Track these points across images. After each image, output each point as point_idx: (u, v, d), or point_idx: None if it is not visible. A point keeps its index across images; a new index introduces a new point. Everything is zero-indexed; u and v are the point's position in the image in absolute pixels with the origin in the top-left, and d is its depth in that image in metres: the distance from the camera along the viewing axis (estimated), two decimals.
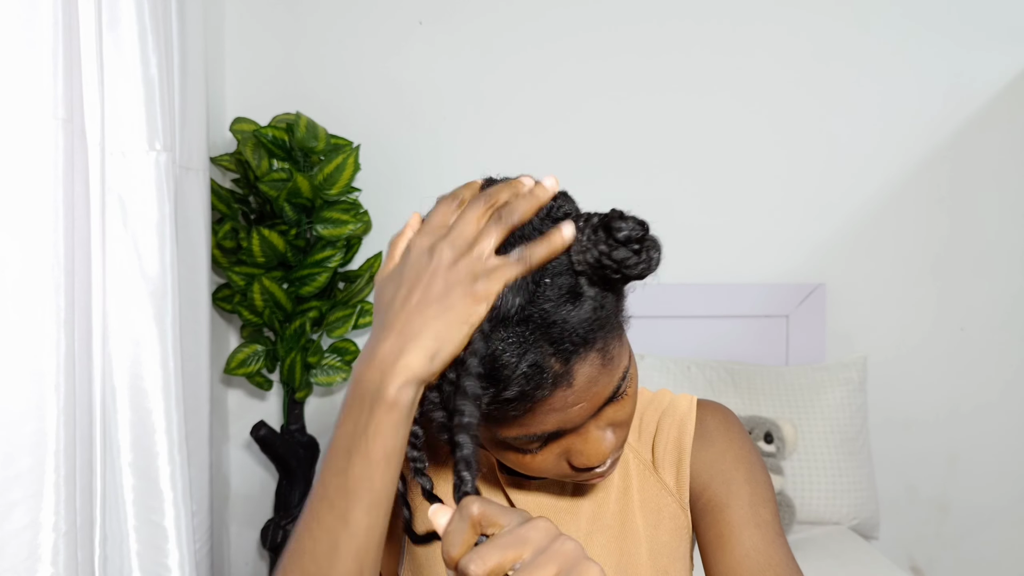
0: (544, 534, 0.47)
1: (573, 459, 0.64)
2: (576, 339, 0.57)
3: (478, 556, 0.45)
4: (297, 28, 1.92)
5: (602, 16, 1.91)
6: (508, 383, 0.56)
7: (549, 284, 0.57)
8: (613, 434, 0.65)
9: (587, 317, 0.57)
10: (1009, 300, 1.94)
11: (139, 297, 1.23)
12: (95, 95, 1.15)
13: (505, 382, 0.56)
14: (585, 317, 0.57)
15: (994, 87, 1.91)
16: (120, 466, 1.21)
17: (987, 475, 1.96)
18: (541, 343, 0.56)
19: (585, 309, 0.57)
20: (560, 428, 0.61)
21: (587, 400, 0.60)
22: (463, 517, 0.48)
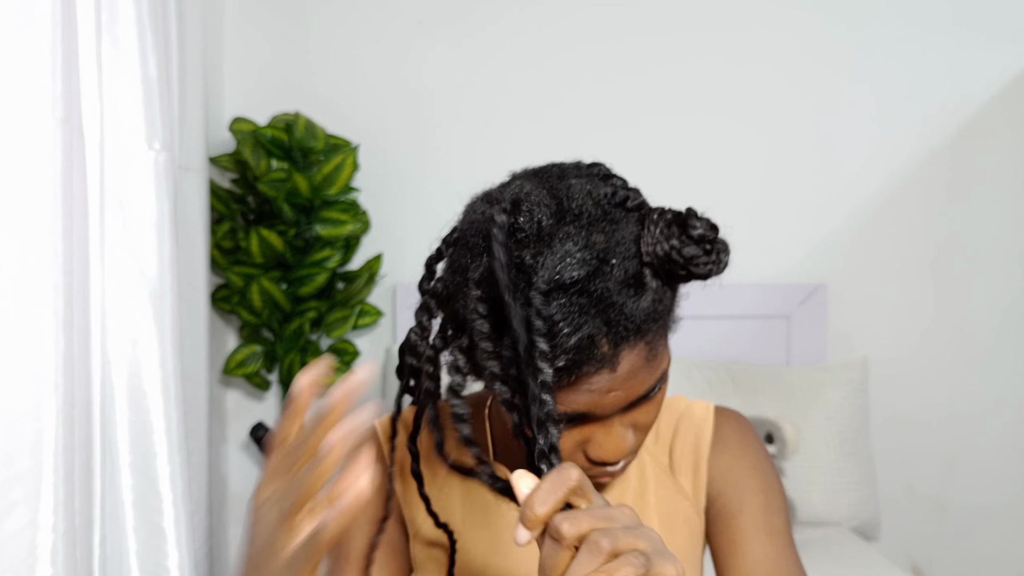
0: (632, 518, 0.47)
1: (590, 450, 0.64)
2: (630, 326, 0.57)
3: (573, 517, 0.45)
4: (296, 28, 1.91)
5: (601, 21, 1.91)
6: (556, 351, 0.56)
7: (616, 265, 0.57)
8: (634, 435, 0.65)
9: (645, 307, 0.58)
10: (1009, 300, 1.94)
11: (138, 297, 1.23)
12: (94, 95, 1.15)
13: (554, 349, 0.56)
14: (644, 307, 0.58)
15: (993, 88, 1.91)
16: (119, 466, 1.21)
17: (987, 475, 1.96)
18: (597, 320, 0.56)
19: (646, 299, 0.58)
20: (589, 411, 0.60)
21: (624, 390, 0.60)
22: (560, 480, 0.47)
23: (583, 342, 0.56)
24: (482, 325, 0.57)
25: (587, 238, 0.58)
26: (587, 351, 0.57)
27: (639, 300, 0.58)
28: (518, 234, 0.59)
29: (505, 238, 0.57)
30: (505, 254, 0.56)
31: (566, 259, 0.56)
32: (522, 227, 0.59)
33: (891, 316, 1.96)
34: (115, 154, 1.21)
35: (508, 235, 0.58)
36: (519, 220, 0.59)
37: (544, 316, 0.55)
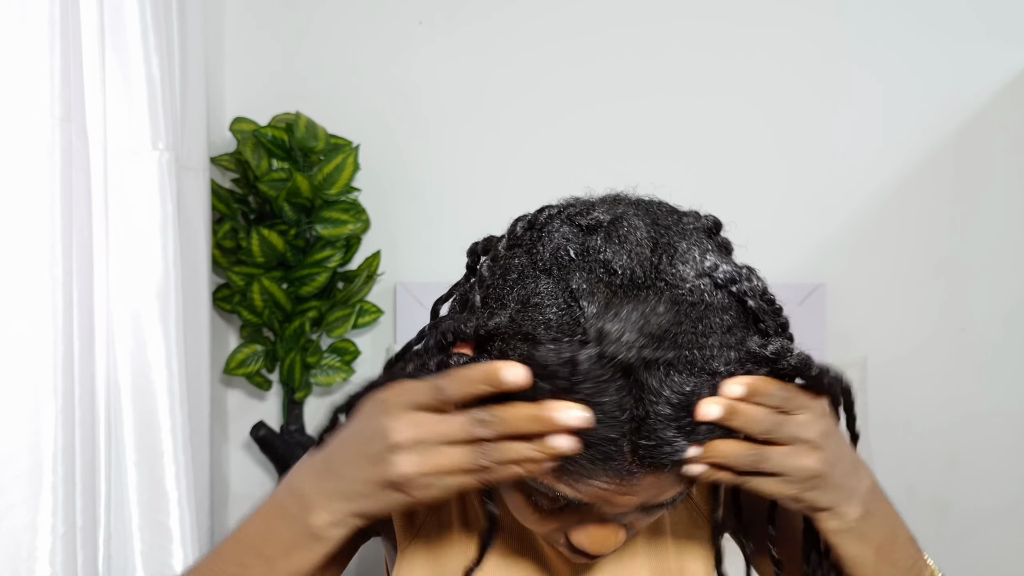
0: None
1: (572, 535, 0.58)
2: (666, 460, 0.51)
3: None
4: (297, 28, 1.91)
5: (603, 16, 1.91)
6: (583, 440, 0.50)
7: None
8: (627, 532, 0.59)
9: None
10: (1010, 301, 1.94)
11: (143, 296, 1.23)
12: (97, 95, 1.15)
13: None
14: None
15: (996, 86, 1.91)
16: (125, 465, 1.22)
17: (987, 476, 1.95)
18: (627, 428, 0.50)
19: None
20: (591, 503, 0.54)
21: (640, 496, 0.53)
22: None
23: (603, 442, 0.50)
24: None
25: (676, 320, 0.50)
26: (603, 453, 0.50)
27: (689, 435, 0.50)
28: (604, 268, 0.52)
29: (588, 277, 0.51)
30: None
31: (642, 331, 0.49)
32: (612, 266, 0.51)
33: (891, 316, 1.95)
34: (118, 154, 1.21)
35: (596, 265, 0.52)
36: (617, 255, 0.52)
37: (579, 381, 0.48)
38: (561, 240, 0.54)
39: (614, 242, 0.52)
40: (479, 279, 0.57)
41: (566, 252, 0.53)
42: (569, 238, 0.54)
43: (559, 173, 1.91)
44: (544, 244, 0.54)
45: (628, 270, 0.51)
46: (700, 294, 0.52)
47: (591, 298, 0.50)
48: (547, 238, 0.55)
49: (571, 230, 0.54)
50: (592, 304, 0.50)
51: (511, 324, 0.52)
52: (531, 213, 0.58)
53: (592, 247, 0.52)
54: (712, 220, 0.61)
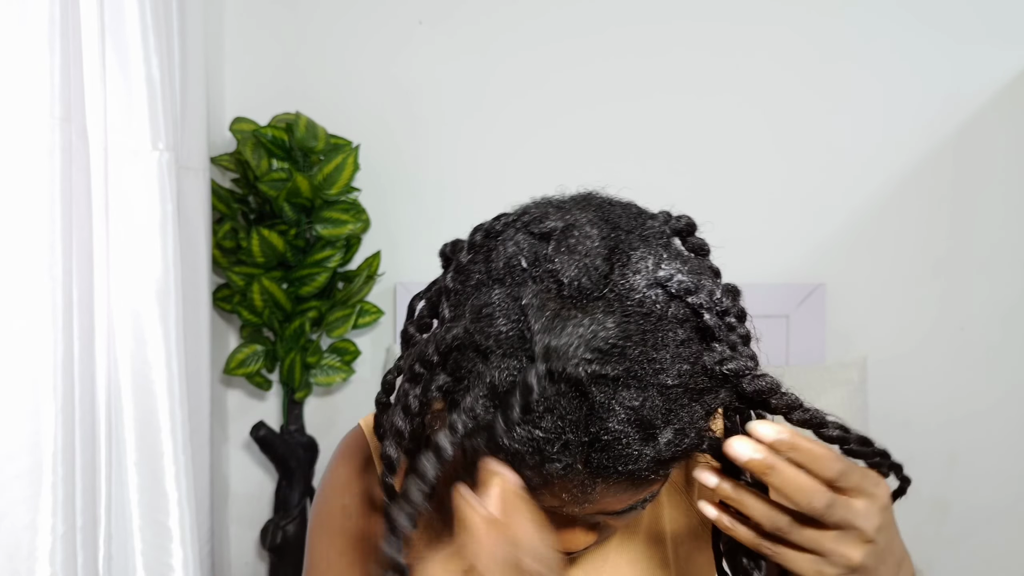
0: None
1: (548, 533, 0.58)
2: (623, 471, 0.49)
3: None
4: (297, 28, 1.91)
5: (603, 16, 1.91)
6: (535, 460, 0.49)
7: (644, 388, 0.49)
8: (598, 532, 0.59)
9: (650, 456, 0.49)
10: (1010, 300, 1.94)
11: (144, 296, 1.23)
12: (98, 95, 1.15)
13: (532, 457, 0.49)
14: (649, 455, 0.49)
15: (996, 86, 1.91)
16: (126, 465, 1.22)
17: (987, 475, 1.96)
18: (580, 444, 0.49)
19: (655, 446, 0.49)
20: (551, 509, 0.54)
21: (597, 505, 0.53)
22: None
23: (556, 464, 0.49)
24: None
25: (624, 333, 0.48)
26: (556, 468, 0.49)
27: (646, 445, 0.49)
28: (553, 278, 0.50)
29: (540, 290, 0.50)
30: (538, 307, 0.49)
31: (589, 345, 0.47)
32: (560, 277, 0.50)
33: (891, 316, 1.96)
34: (119, 154, 1.21)
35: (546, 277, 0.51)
36: (566, 265, 0.50)
37: (533, 404, 0.47)
38: (514, 249, 0.53)
39: (563, 252, 0.51)
40: (443, 289, 0.56)
41: (518, 262, 0.52)
42: (522, 247, 0.53)
43: (559, 173, 1.89)
44: (498, 253, 0.53)
45: (576, 281, 0.50)
46: (651, 305, 0.49)
47: (539, 312, 0.49)
48: (501, 247, 0.54)
49: (524, 238, 0.53)
50: (540, 319, 0.48)
51: (466, 335, 0.51)
52: (488, 220, 0.58)
53: (543, 256, 0.52)
54: (684, 222, 0.60)
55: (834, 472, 0.50)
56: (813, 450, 0.49)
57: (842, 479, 0.50)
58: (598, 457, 0.49)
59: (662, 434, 0.49)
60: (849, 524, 0.50)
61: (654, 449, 0.49)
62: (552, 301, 0.50)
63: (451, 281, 0.56)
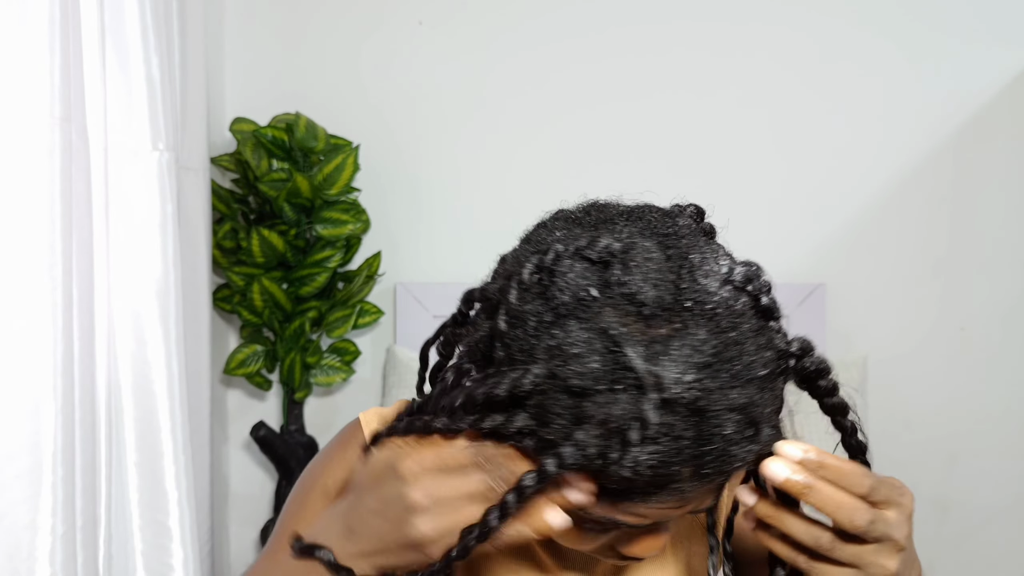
0: None
1: (624, 548, 0.58)
2: (727, 469, 0.50)
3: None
4: (297, 28, 1.91)
5: (603, 16, 1.91)
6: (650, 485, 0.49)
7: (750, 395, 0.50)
8: (669, 532, 0.60)
9: (754, 449, 0.50)
10: (1010, 300, 1.94)
11: (144, 296, 1.23)
12: (97, 95, 1.15)
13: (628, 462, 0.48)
14: (752, 449, 0.50)
15: (997, 86, 1.91)
16: (126, 465, 1.22)
17: (987, 475, 1.95)
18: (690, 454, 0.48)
19: (760, 437, 0.50)
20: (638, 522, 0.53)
21: (690, 506, 0.53)
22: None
23: (664, 476, 0.48)
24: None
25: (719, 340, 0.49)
26: (665, 480, 0.49)
27: (753, 442, 0.49)
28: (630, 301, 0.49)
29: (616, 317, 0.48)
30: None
31: (692, 363, 0.47)
32: (639, 298, 0.49)
33: (891, 316, 1.95)
34: (119, 154, 1.21)
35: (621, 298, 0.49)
36: (641, 285, 0.49)
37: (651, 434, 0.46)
38: (577, 280, 0.50)
39: (633, 272, 0.50)
40: (497, 332, 0.52)
41: (587, 292, 0.50)
42: (585, 276, 0.50)
43: (559, 173, 1.91)
44: (560, 287, 0.50)
45: (657, 299, 0.49)
46: (726, 304, 0.50)
47: (630, 340, 0.48)
48: (561, 280, 0.51)
49: (584, 267, 0.51)
50: (636, 346, 0.47)
51: (551, 379, 0.48)
52: (533, 256, 0.53)
53: (612, 281, 0.50)
54: (694, 209, 0.60)
55: (865, 488, 0.50)
56: (842, 468, 0.50)
57: (873, 493, 0.50)
58: (712, 464, 0.49)
59: (764, 426, 0.50)
60: (886, 537, 0.50)
61: (758, 443, 0.50)
62: (638, 324, 0.49)
63: (505, 324, 0.52)
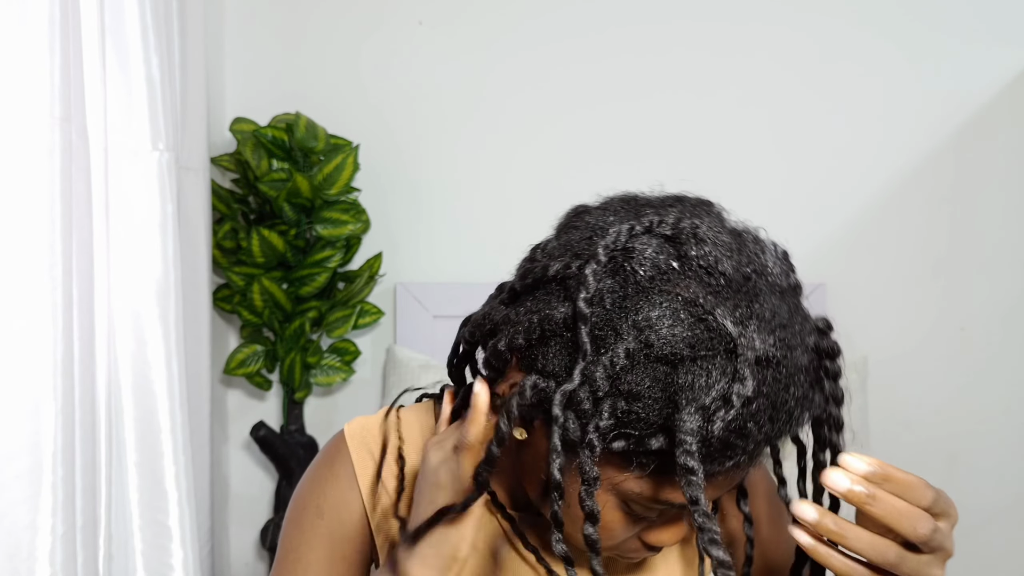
0: None
1: (651, 536, 0.60)
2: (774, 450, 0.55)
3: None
4: (297, 28, 1.91)
5: (603, 16, 1.91)
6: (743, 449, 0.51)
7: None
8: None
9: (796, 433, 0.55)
10: (1010, 300, 1.94)
11: (144, 297, 1.23)
12: (97, 95, 1.15)
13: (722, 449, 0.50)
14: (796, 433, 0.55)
15: (997, 86, 1.91)
16: (126, 465, 1.22)
17: (987, 475, 1.95)
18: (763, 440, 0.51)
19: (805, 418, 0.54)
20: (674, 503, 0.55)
21: (725, 488, 0.56)
22: None
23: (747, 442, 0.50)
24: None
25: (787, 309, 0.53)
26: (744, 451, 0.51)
27: (812, 404, 0.54)
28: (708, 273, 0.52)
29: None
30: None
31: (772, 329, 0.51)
32: (719, 268, 0.52)
33: (891, 316, 1.95)
34: (119, 154, 1.21)
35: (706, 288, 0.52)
36: (718, 258, 0.52)
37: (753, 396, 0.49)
38: (656, 255, 0.52)
39: (707, 245, 0.53)
40: (580, 316, 0.52)
41: (668, 264, 0.52)
42: (662, 251, 0.53)
43: (559, 173, 1.91)
44: (639, 262, 0.52)
45: (734, 269, 0.52)
46: (784, 277, 0.56)
47: (720, 306, 0.50)
48: (640, 256, 0.52)
49: (659, 242, 0.53)
50: (724, 312, 0.50)
51: (643, 349, 0.50)
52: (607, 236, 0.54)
53: (690, 256, 0.52)
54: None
55: (929, 500, 0.50)
56: (908, 480, 0.50)
57: (935, 505, 0.51)
58: (783, 427, 0.52)
59: (818, 389, 0.54)
60: (940, 547, 0.51)
61: (816, 405, 0.54)
62: (718, 294, 0.51)
63: (585, 305, 0.52)
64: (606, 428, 0.50)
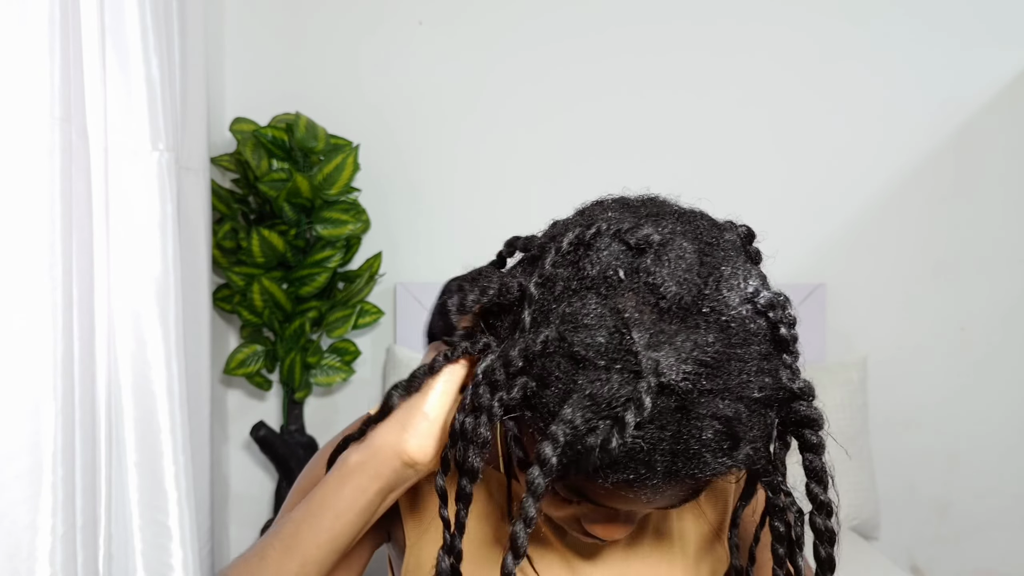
0: None
1: (587, 526, 0.61)
2: (701, 476, 0.51)
3: None
4: (297, 28, 1.91)
5: (603, 15, 1.91)
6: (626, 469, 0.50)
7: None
8: (632, 525, 0.62)
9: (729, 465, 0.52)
10: (1010, 300, 1.94)
11: (144, 297, 1.23)
12: (98, 95, 1.15)
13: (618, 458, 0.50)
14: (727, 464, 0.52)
15: (996, 87, 1.91)
16: (126, 466, 1.22)
17: (987, 475, 1.96)
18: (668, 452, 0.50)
19: (739, 454, 0.52)
20: (603, 505, 0.56)
21: (657, 504, 0.55)
22: None
23: (643, 471, 0.50)
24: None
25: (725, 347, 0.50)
26: (637, 473, 0.50)
27: (729, 456, 0.51)
28: (652, 292, 0.51)
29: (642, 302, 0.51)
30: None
31: (695, 359, 0.49)
32: (661, 291, 0.51)
33: (891, 316, 1.96)
34: (119, 154, 1.21)
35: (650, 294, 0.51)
36: (667, 280, 0.51)
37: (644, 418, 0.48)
38: (610, 259, 0.53)
39: (664, 265, 0.51)
40: (528, 298, 0.54)
41: (615, 272, 0.52)
42: (619, 257, 0.53)
43: (559, 173, 1.91)
44: (592, 261, 0.53)
45: (677, 296, 0.50)
46: (743, 321, 0.51)
47: (641, 326, 0.50)
48: (595, 255, 0.53)
49: (620, 248, 0.53)
50: (643, 332, 0.49)
51: (559, 342, 0.51)
52: (577, 228, 0.55)
53: (642, 269, 0.52)
54: (746, 231, 0.61)
55: None
56: None
57: None
58: (683, 465, 0.50)
59: (743, 445, 0.51)
60: None
61: (734, 460, 0.51)
62: (652, 314, 0.51)
63: (536, 289, 0.54)
64: (510, 402, 0.53)
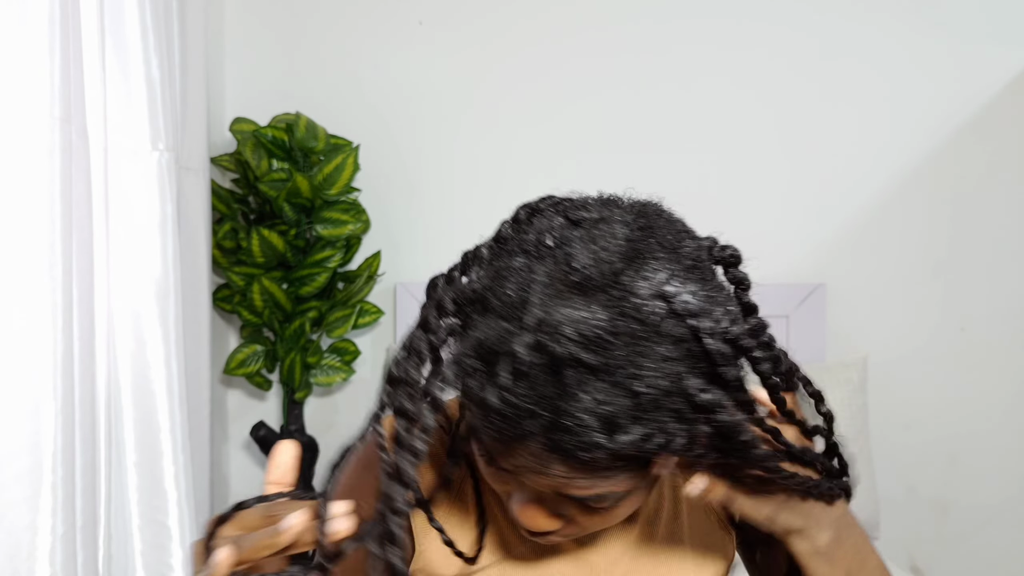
0: None
1: (513, 507, 0.60)
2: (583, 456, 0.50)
3: None
4: (297, 28, 1.91)
5: (602, 13, 1.91)
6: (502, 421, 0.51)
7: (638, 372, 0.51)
8: (560, 522, 0.60)
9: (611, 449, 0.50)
10: (1010, 301, 1.94)
11: (143, 297, 1.23)
12: (98, 95, 1.15)
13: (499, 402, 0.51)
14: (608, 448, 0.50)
15: (998, 85, 1.91)
16: (126, 466, 1.22)
17: (987, 475, 1.95)
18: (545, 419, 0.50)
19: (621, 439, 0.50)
20: (512, 471, 0.55)
21: (553, 482, 0.54)
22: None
23: (519, 430, 0.51)
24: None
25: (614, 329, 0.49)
26: (518, 431, 0.51)
27: (606, 438, 0.49)
28: (566, 262, 0.52)
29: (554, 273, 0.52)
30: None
31: (577, 329, 0.49)
32: (573, 262, 0.52)
33: (892, 316, 1.95)
34: (119, 154, 1.21)
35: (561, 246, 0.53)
36: (582, 253, 0.52)
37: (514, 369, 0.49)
38: (546, 227, 0.56)
39: (586, 240, 0.53)
40: (476, 255, 0.60)
41: (544, 239, 0.55)
42: (555, 228, 0.56)
43: (558, 173, 1.91)
44: (535, 228, 0.57)
45: (586, 270, 0.51)
46: (648, 314, 0.50)
47: (545, 288, 0.52)
48: (537, 223, 0.57)
49: (560, 222, 0.56)
50: (540, 293, 0.51)
51: (480, 290, 0.55)
52: (536, 200, 0.61)
53: (567, 239, 0.54)
54: (729, 252, 0.61)
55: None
56: None
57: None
58: (558, 437, 0.50)
59: (625, 432, 0.50)
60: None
61: (614, 443, 0.50)
62: (559, 282, 0.52)
63: (486, 249, 0.59)
64: (437, 342, 0.55)
